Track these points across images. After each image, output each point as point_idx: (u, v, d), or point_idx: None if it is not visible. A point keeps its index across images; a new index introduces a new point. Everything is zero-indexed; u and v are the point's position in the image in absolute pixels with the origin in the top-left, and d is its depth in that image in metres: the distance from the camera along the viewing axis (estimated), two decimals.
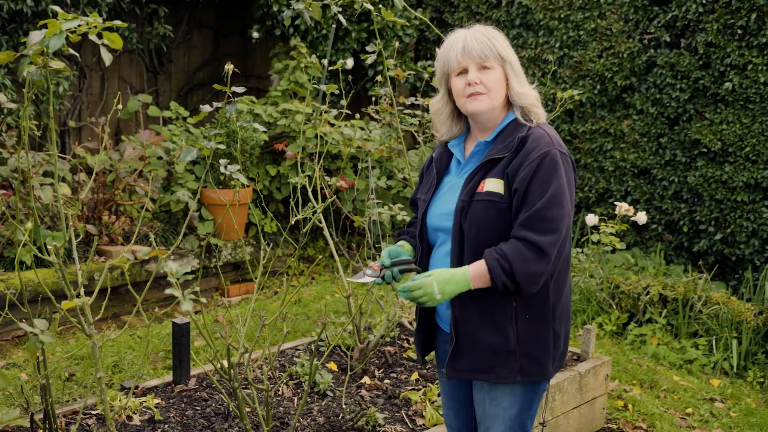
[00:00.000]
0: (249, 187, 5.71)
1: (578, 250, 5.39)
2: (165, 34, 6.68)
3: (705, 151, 5.80)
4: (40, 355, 2.53)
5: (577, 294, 5.25)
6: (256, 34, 6.79)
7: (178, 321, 3.26)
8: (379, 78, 4.46)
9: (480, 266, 2.05)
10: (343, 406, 3.18)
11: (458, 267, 2.11)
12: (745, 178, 5.56)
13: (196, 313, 4.54)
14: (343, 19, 3.44)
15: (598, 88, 6.32)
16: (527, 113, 2.16)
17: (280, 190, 6.31)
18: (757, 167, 5.52)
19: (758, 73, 5.45)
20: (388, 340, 3.88)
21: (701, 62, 5.78)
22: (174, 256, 5.34)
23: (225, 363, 2.81)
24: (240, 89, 2.47)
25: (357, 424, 3.06)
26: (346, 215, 5.59)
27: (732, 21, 5.56)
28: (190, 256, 5.45)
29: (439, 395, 3.27)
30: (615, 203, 4.38)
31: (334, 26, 6.43)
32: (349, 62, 3.91)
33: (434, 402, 3.26)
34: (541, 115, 2.18)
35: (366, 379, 3.50)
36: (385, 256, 2.22)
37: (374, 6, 4.07)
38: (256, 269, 5.73)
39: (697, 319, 4.88)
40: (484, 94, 2.12)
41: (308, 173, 3.78)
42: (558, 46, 6.52)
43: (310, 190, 3.25)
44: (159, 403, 3.09)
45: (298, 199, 3.16)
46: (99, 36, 1.98)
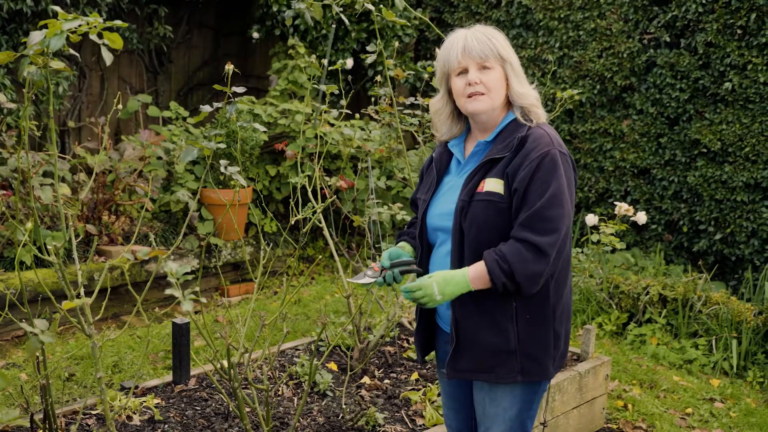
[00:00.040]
0: (249, 187, 5.71)
1: (578, 250, 5.39)
2: (165, 34, 6.67)
3: (705, 151, 5.80)
4: (40, 355, 2.53)
5: (577, 294, 5.25)
6: (256, 35, 6.79)
7: (178, 321, 3.26)
8: (378, 78, 4.46)
9: (479, 268, 2.05)
10: (343, 406, 3.18)
11: (458, 267, 2.11)
12: (744, 178, 5.56)
13: (196, 313, 4.54)
14: (345, 19, 3.44)
15: (598, 88, 6.32)
16: (527, 113, 2.17)
17: (279, 190, 6.31)
18: (756, 167, 5.52)
19: (758, 73, 5.45)
20: (388, 340, 3.88)
21: (701, 62, 5.78)
22: (174, 256, 5.34)
23: (225, 363, 2.81)
24: (240, 89, 2.47)
25: (357, 424, 3.06)
26: (346, 215, 5.59)
27: (732, 21, 5.56)
28: (190, 256, 5.45)
29: (439, 395, 3.27)
30: (615, 203, 4.38)
31: (333, 26, 6.43)
32: (349, 62, 3.91)
33: (434, 402, 3.26)
34: (541, 115, 2.18)
35: (366, 379, 3.50)
36: (385, 257, 2.23)
37: (375, 6, 4.07)
38: (255, 269, 5.73)
39: (696, 319, 4.88)
40: (484, 94, 2.12)
41: (308, 173, 3.78)
42: (558, 46, 6.52)
43: (310, 190, 3.25)
44: (159, 403, 3.09)
45: (298, 199, 3.16)
46: (99, 36, 1.98)
